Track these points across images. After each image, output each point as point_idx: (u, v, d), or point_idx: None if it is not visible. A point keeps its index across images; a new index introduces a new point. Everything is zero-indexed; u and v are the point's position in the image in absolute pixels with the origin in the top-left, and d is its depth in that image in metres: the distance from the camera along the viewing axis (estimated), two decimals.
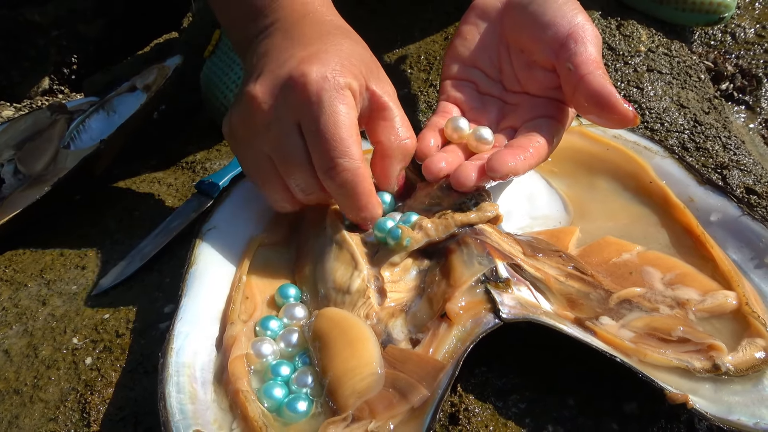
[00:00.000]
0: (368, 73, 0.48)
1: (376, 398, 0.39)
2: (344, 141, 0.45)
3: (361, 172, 0.46)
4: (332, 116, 0.45)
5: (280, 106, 0.46)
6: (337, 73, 0.46)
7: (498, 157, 0.47)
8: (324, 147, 0.45)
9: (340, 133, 0.45)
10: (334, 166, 0.45)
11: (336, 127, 0.45)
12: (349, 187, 0.46)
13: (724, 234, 0.50)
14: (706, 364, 0.41)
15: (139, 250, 0.59)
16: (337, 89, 0.45)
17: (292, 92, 0.45)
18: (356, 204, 0.47)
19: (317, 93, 0.45)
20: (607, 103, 0.47)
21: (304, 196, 0.49)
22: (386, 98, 0.49)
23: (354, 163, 0.45)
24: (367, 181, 0.46)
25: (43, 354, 0.51)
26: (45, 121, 0.80)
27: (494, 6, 0.55)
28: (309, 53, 0.47)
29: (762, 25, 0.92)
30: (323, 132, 0.45)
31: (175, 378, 0.41)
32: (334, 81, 0.45)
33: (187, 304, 0.46)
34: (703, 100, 0.75)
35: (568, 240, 0.53)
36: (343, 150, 0.45)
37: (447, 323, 0.43)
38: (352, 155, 0.45)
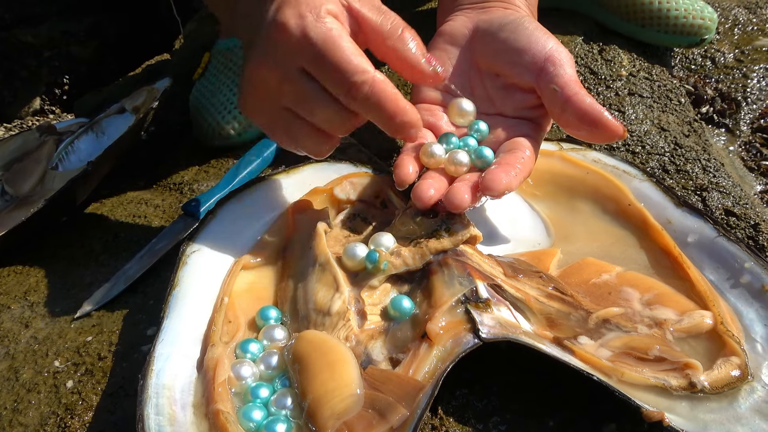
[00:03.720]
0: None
1: (355, 419, 0.39)
2: (349, 60, 0.45)
3: (378, 80, 0.45)
4: (327, 44, 0.45)
5: (279, 63, 0.46)
6: (311, 5, 0.46)
7: (492, 176, 0.48)
8: (335, 75, 0.45)
9: (341, 55, 0.45)
10: (351, 86, 0.45)
11: (335, 52, 0.45)
12: (374, 98, 0.45)
13: (700, 255, 0.51)
14: (683, 382, 0.42)
15: (123, 272, 0.59)
16: (318, 19, 0.45)
17: (281, 44, 0.46)
18: (388, 112, 0.46)
19: (303, 33, 0.45)
20: (598, 121, 0.49)
21: (337, 129, 0.48)
22: (365, 10, 0.49)
23: (367, 75, 0.45)
24: (388, 85, 0.46)
25: (24, 377, 0.50)
26: (34, 142, 0.81)
27: (462, 32, 0.57)
28: (279, 2, 0.47)
29: (741, 50, 0.95)
30: (326, 62, 0.45)
31: (154, 400, 0.41)
32: (311, 14, 0.45)
33: (169, 325, 0.46)
34: (684, 123, 0.76)
35: (549, 261, 0.53)
36: (352, 68, 0.45)
37: (427, 343, 0.43)
38: (363, 69, 0.45)
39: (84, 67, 1.24)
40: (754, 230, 0.60)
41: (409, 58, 0.49)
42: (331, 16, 0.46)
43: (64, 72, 1.23)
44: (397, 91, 0.46)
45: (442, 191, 0.50)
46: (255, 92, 0.49)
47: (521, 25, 0.54)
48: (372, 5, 0.49)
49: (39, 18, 1.22)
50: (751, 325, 0.47)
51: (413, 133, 0.48)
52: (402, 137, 0.49)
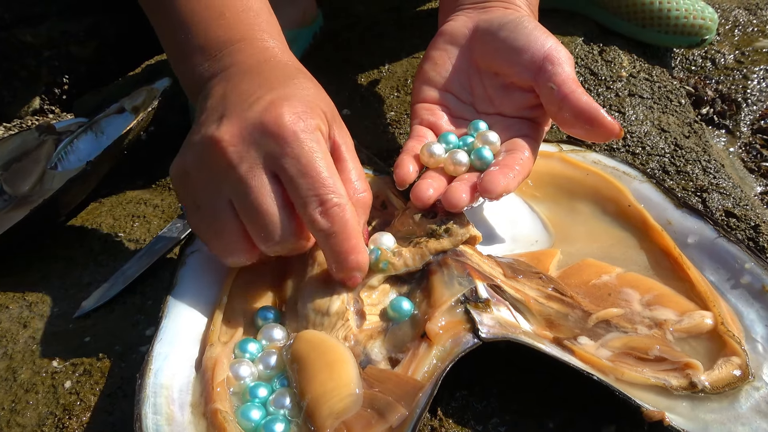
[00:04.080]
0: (331, 119, 0.47)
1: (354, 419, 0.39)
2: (330, 178, 0.43)
3: (350, 208, 0.44)
4: (313, 155, 0.43)
5: (251, 151, 0.43)
6: (308, 115, 0.45)
7: (490, 178, 0.48)
8: (311, 185, 0.43)
9: (324, 171, 0.43)
10: (324, 202, 0.43)
11: (319, 166, 0.43)
12: (340, 225, 0.43)
13: (701, 256, 0.51)
14: (683, 381, 0.42)
15: (122, 272, 0.59)
16: (311, 130, 0.44)
17: (266, 136, 0.43)
18: (346, 245, 0.44)
19: (294, 134, 0.43)
20: (595, 119, 0.49)
21: (270, 245, 0.45)
22: (344, 149, 0.47)
23: (343, 199, 0.43)
24: (355, 218, 0.44)
25: (22, 377, 0.50)
26: (33, 141, 0.80)
27: (462, 32, 0.57)
28: (277, 96, 0.45)
29: (741, 51, 0.95)
30: (308, 171, 0.43)
31: (152, 399, 0.40)
32: (307, 122, 0.44)
33: (167, 325, 0.46)
34: (684, 125, 0.76)
35: (548, 262, 0.53)
36: (330, 186, 0.43)
37: (427, 343, 0.43)
38: (341, 192, 0.43)
39: (84, 67, 1.24)
40: (755, 231, 0.59)
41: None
42: (321, 134, 0.45)
43: (64, 72, 1.23)
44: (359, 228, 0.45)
45: (441, 191, 0.50)
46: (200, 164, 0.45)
47: (521, 24, 0.54)
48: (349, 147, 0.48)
49: (39, 18, 1.22)
50: (751, 325, 0.47)
51: (358, 278, 0.46)
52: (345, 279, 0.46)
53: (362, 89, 0.83)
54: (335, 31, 0.93)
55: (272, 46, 0.51)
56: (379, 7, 0.97)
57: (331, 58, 0.89)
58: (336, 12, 0.97)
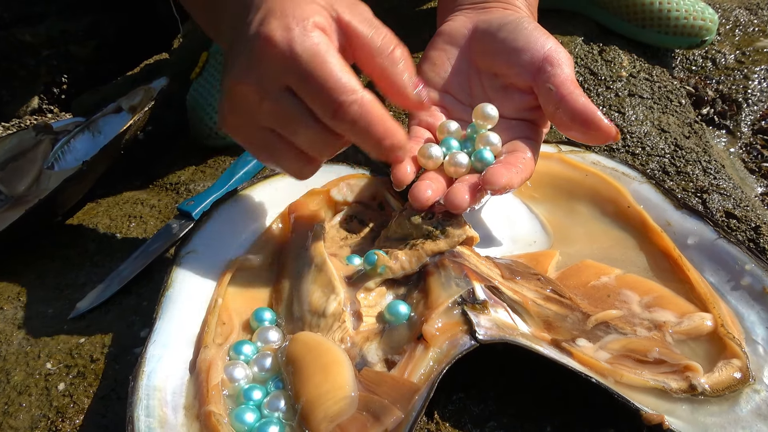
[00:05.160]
0: (331, 2, 0.45)
1: (349, 422, 0.39)
2: (337, 78, 0.42)
3: (367, 100, 0.43)
4: (314, 60, 0.42)
5: (261, 79, 0.44)
6: (298, 17, 0.43)
7: (494, 171, 0.48)
8: (321, 93, 0.42)
9: (329, 73, 0.42)
10: (339, 106, 0.42)
11: (323, 69, 0.42)
12: (362, 120, 0.43)
13: (701, 257, 0.51)
14: (683, 384, 0.41)
15: (117, 273, 0.59)
16: (305, 33, 0.43)
17: (265, 59, 0.43)
18: (376, 134, 0.43)
19: (289, 48, 0.42)
20: (591, 121, 0.48)
21: (320, 151, 0.46)
22: (356, 23, 0.46)
23: (356, 94, 0.42)
24: (377, 106, 0.43)
25: (15, 379, 0.50)
26: (30, 141, 0.80)
27: (461, 32, 0.57)
28: (264, 13, 0.44)
29: (742, 51, 0.94)
30: (313, 80, 0.42)
31: (145, 401, 0.40)
32: (299, 27, 0.43)
33: (161, 327, 0.45)
34: (684, 125, 0.76)
35: (547, 263, 0.53)
36: (341, 87, 0.42)
37: (423, 345, 0.43)
38: (352, 88, 0.42)
39: (82, 67, 1.24)
40: (755, 233, 0.59)
41: (397, 81, 0.47)
42: (318, 29, 0.44)
43: (63, 71, 1.23)
44: (386, 111, 0.44)
45: (440, 192, 0.50)
46: (234, 108, 0.46)
47: (520, 25, 0.53)
48: (363, 17, 0.47)
49: (38, 17, 1.22)
50: (752, 327, 0.47)
51: (401, 155, 0.46)
52: (389, 160, 0.46)
53: None
54: None
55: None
56: (377, 6, 0.96)
57: None
58: None
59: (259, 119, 0.45)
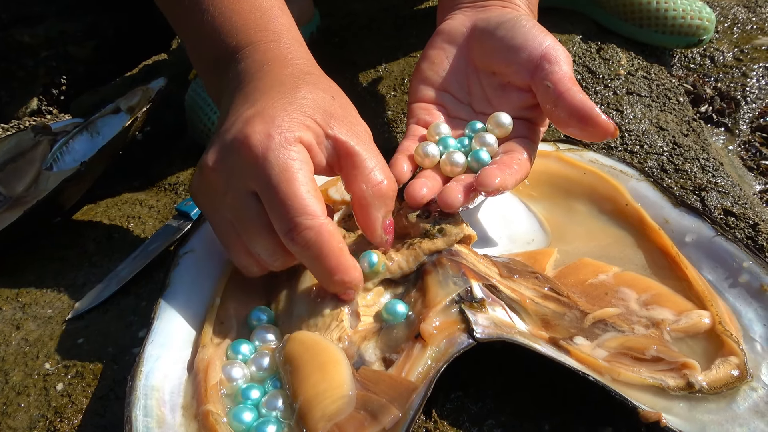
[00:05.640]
0: (327, 119, 0.45)
1: (346, 420, 0.39)
2: (300, 198, 0.41)
3: (325, 229, 0.41)
4: (283, 174, 0.41)
5: (231, 174, 0.43)
6: (284, 128, 0.42)
7: (487, 173, 0.48)
8: (280, 208, 0.41)
9: (294, 191, 0.41)
10: (294, 227, 0.41)
11: (289, 185, 0.41)
12: (314, 248, 0.41)
13: (698, 254, 0.51)
14: (680, 382, 0.41)
15: (116, 273, 0.59)
16: (284, 145, 0.42)
17: (238, 157, 0.43)
18: (326, 266, 0.42)
19: (263, 154, 0.42)
20: (589, 117, 0.48)
21: (271, 262, 0.45)
22: (352, 142, 0.45)
23: (315, 220, 0.41)
24: (333, 238, 0.42)
25: (13, 380, 0.50)
26: (28, 142, 0.80)
27: (460, 31, 0.57)
28: (254, 111, 0.44)
29: (740, 49, 0.94)
30: (276, 192, 0.41)
31: (143, 401, 0.40)
32: (280, 137, 0.42)
33: (159, 326, 0.45)
34: (682, 123, 0.76)
35: (545, 262, 0.53)
36: (300, 208, 0.41)
37: (421, 344, 0.43)
38: (312, 212, 0.41)
39: (81, 68, 1.24)
40: (754, 230, 0.59)
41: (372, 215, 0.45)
42: (300, 145, 0.43)
43: (62, 72, 1.23)
44: (343, 246, 0.43)
45: (435, 191, 0.50)
46: (202, 188, 0.46)
47: (518, 23, 0.53)
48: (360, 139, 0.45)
49: (37, 18, 1.22)
50: (750, 324, 0.47)
51: (351, 295, 0.45)
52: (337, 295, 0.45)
53: (359, 88, 0.83)
54: (332, 30, 0.93)
55: (274, 47, 0.49)
56: (376, 5, 0.97)
57: (327, 57, 0.88)
58: (333, 11, 0.96)
59: (221, 209, 0.45)
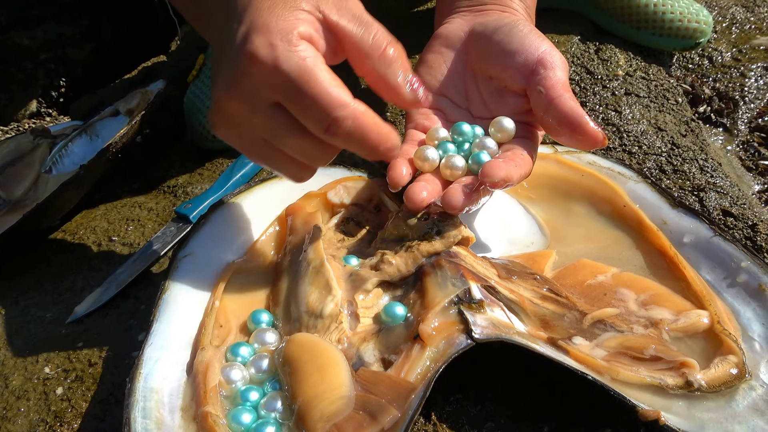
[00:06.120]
0: (315, 3, 0.43)
1: (345, 421, 0.39)
2: (327, 93, 0.41)
3: (360, 113, 0.41)
4: (301, 77, 0.41)
5: (250, 95, 0.42)
6: (282, 31, 0.41)
7: (492, 165, 0.47)
8: (312, 110, 0.41)
9: (319, 89, 0.41)
10: (332, 122, 0.41)
11: (312, 85, 0.41)
12: (356, 134, 0.42)
13: (697, 255, 0.51)
14: (679, 380, 0.41)
15: (115, 276, 0.59)
16: (290, 48, 0.41)
17: (251, 77, 0.42)
18: (370, 144, 0.42)
19: (274, 65, 0.41)
20: (578, 125, 0.48)
21: (313, 161, 0.46)
22: (344, 22, 0.44)
23: (348, 108, 0.41)
24: (369, 117, 0.42)
25: (13, 384, 0.50)
26: (27, 145, 0.80)
27: (458, 35, 0.57)
28: (246, 27, 0.42)
29: (738, 49, 0.94)
30: (303, 97, 0.41)
31: (142, 403, 0.40)
32: (283, 42, 0.41)
33: (158, 329, 0.45)
34: (681, 123, 0.76)
35: (544, 263, 0.53)
36: (332, 102, 0.41)
37: (420, 344, 0.43)
38: (343, 102, 0.41)
39: (80, 70, 1.24)
40: (752, 230, 0.59)
41: (390, 82, 0.45)
42: (304, 41, 0.42)
43: (61, 74, 1.23)
44: (377, 117, 0.43)
45: (435, 194, 0.50)
46: (224, 119, 0.45)
47: (515, 27, 0.53)
48: (352, 15, 0.45)
49: (35, 20, 1.22)
50: (748, 324, 0.47)
51: (395, 154, 0.45)
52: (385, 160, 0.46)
53: (357, 91, 0.83)
54: None
55: None
56: (374, 7, 0.97)
57: None
58: None
59: (251, 130, 0.45)
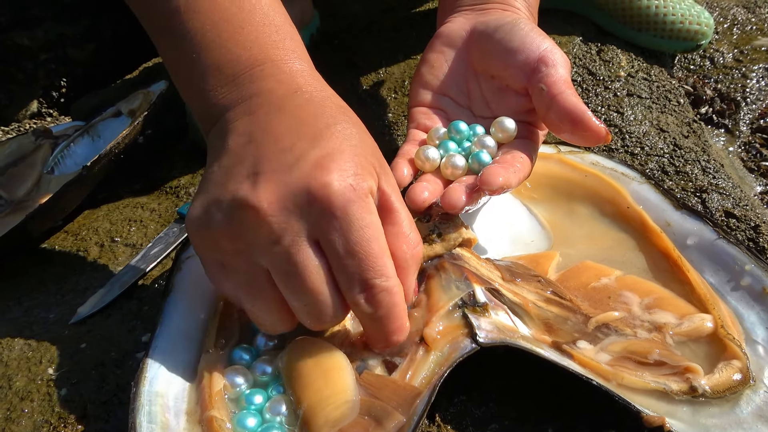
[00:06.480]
0: (380, 169, 0.42)
1: (350, 426, 0.39)
2: (379, 258, 0.39)
3: (397, 291, 0.40)
4: (363, 231, 0.38)
5: (294, 222, 0.38)
6: (360, 178, 0.39)
7: (490, 172, 0.47)
8: (358, 267, 0.39)
9: (373, 250, 0.39)
10: (371, 288, 0.39)
11: (369, 244, 0.39)
12: (385, 310, 0.40)
13: (700, 257, 0.51)
14: (683, 386, 0.41)
15: (118, 277, 0.59)
16: (363, 198, 0.39)
17: (313, 206, 0.38)
18: (390, 327, 0.41)
19: (344, 207, 0.38)
20: (580, 121, 0.48)
21: (318, 325, 0.41)
22: (393, 198, 0.42)
23: (390, 282, 0.39)
24: (402, 300, 0.41)
25: (17, 385, 0.50)
26: (29, 146, 0.80)
27: (459, 34, 0.57)
28: (324, 153, 0.39)
29: (740, 50, 0.94)
30: (356, 250, 0.38)
31: (147, 407, 0.40)
32: (358, 188, 0.39)
33: (163, 332, 0.45)
34: (683, 124, 0.76)
35: (547, 265, 0.53)
36: (379, 269, 0.39)
37: (424, 348, 0.43)
38: (389, 273, 0.39)
39: (81, 70, 1.24)
40: (755, 232, 0.59)
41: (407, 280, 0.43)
42: (372, 198, 0.40)
43: (61, 75, 1.23)
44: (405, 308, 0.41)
45: (437, 194, 0.50)
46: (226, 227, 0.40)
47: (517, 26, 0.53)
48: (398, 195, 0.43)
49: (35, 21, 1.22)
50: (752, 328, 0.47)
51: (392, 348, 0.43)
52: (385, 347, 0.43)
53: (359, 91, 0.83)
54: (332, 32, 0.93)
55: (300, 69, 0.45)
56: (376, 7, 0.97)
57: (328, 60, 0.88)
58: (333, 13, 0.96)
59: (261, 257, 0.39)
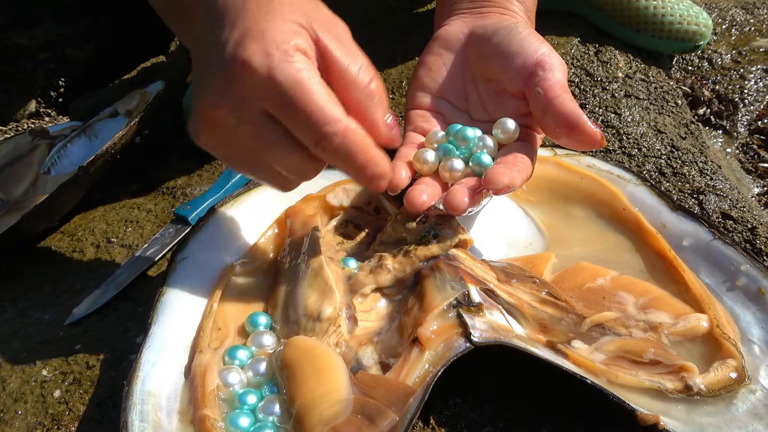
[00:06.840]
0: (309, 21, 0.43)
1: (343, 425, 0.39)
2: (321, 107, 0.41)
3: (350, 130, 0.42)
4: (296, 89, 0.40)
5: (239, 104, 0.42)
6: (279, 41, 0.41)
7: (495, 171, 0.47)
8: (304, 123, 0.41)
9: (313, 102, 0.40)
10: (322, 137, 0.41)
11: (306, 98, 0.40)
12: (343, 151, 0.42)
13: (696, 258, 0.51)
14: (678, 384, 0.41)
15: (114, 278, 0.59)
16: (286, 58, 0.40)
17: (242, 86, 0.41)
18: (357, 163, 0.43)
19: (269, 74, 0.40)
20: (575, 125, 0.48)
21: (300, 174, 0.46)
22: (334, 48, 0.43)
23: (339, 124, 0.41)
24: (360, 136, 0.42)
25: (11, 386, 0.50)
26: (26, 146, 0.80)
27: (457, 37, 0.57)
28: (239, 33, 0.41)
29: (738, 51, 0.94)
30: (296, 109, 0.41)
31: (139, 407, 0.40)
32: (279, 52, 0.40)
33: (156, 332, 0.45)
34: (680, 126, 0.76)
35: (543, 266, 0.53)
36: (324, 116, 0.41)
37: (418, 348, 0.43)
38: (335, 117, 0.41)
39: (79, 70, 1.24)
40: (752, 234, 0.59)
41: (370, 117, 0.45)
42: (300, 53, 0.41)
43: (60, 75, 1.23)
44: (369, 140, 0.43)
45: (435, 197, 0.50)
46: (209, 129, 0.44)
47: (515, 30, 0.53)
48: (341, 42, 0.44)
49: (34, 20, 1.22)
50: (747, 327, 0.47)
51: (382, 184, 0.45)
52: (369, 188, 0.46)
53: None
54: None
55: None
56: (374, 8, 0.97)
57: None
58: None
59: (237, 141, 0.44)
